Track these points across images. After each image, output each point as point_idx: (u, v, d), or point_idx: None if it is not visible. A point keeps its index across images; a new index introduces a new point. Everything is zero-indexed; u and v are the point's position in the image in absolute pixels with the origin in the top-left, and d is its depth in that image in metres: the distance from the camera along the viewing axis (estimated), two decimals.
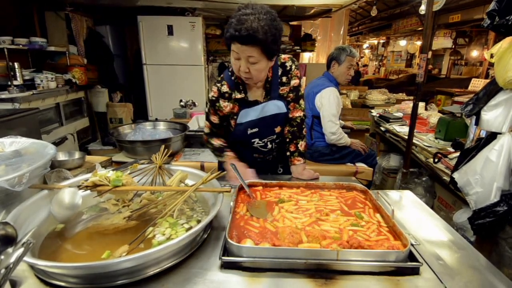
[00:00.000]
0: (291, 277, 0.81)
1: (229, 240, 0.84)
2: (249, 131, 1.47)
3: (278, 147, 1.59)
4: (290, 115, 1.54)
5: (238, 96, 1.42)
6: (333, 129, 2.41)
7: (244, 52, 1.23)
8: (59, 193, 1.01)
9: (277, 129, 1.52)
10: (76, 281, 0.76)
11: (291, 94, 1.50)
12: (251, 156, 1.57)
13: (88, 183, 1.01)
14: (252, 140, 1.51)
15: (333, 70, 2.50)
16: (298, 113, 1.54)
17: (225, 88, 1.42)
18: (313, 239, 0.89)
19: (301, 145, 1.52)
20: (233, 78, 1.42)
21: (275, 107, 1.47)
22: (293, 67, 1.47)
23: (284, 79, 1.46)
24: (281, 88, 1.47)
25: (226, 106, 1.44)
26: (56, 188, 1.04)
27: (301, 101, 1.54)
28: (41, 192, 1.02)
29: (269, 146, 1.55)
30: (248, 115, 1.45)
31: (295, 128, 1.53)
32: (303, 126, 1.55)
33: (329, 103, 2.39)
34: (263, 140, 1.52)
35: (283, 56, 1.47)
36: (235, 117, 1.46)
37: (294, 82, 1.49)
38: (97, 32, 4.72)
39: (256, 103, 1.45)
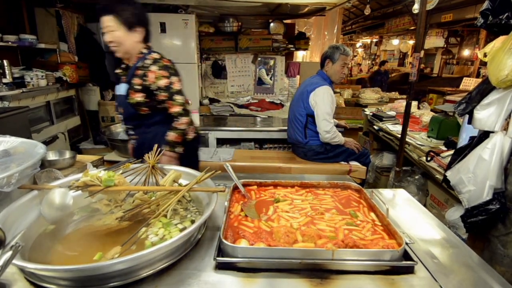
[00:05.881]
0: (286, 277, 0.81)
1: (223, 240, 0.83)
2: (115, 103, 1.75)
3: (140, 134, 1.73)
4: (170, 111, 1.64)
5: (123, 66, 1.70)
6: (327, 128, 2.42)
7: (104, 23, 1.51)
8: (49, 194, 0.99)
9: (120, 109, 1.71)
10: (67, 284, 0.74)
11: (163, 93, 1.60)
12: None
13: (79, 183, 0.99)
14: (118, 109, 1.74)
15: (327, 69, 2.51)
16: (176, 109, 1.63)
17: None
18: (309, 238, 0.89)
19: (168, 135, 1.63)
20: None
21: (123, 89, 1.66)
22: (153, 67, 1.57)
23: (139, 72, 1.59)
24: (134, 78, 1.60)
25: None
26: (46, 188, 1.02)
27: (176, 97, 1.63)
28: (31, 192, 1.00)
29: (124, 124, 1.76)
30: (117, 90, 1.72)
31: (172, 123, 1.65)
32: (179, 120, 1.63)
33: (323, 102, 2.40)
34: (120, 113, 1.74)
35: (156, 55, 1.62)
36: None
37: (164, 82, 1.59)
38: (88, 29, 4.63)
39: (120, 80, 1.71)
